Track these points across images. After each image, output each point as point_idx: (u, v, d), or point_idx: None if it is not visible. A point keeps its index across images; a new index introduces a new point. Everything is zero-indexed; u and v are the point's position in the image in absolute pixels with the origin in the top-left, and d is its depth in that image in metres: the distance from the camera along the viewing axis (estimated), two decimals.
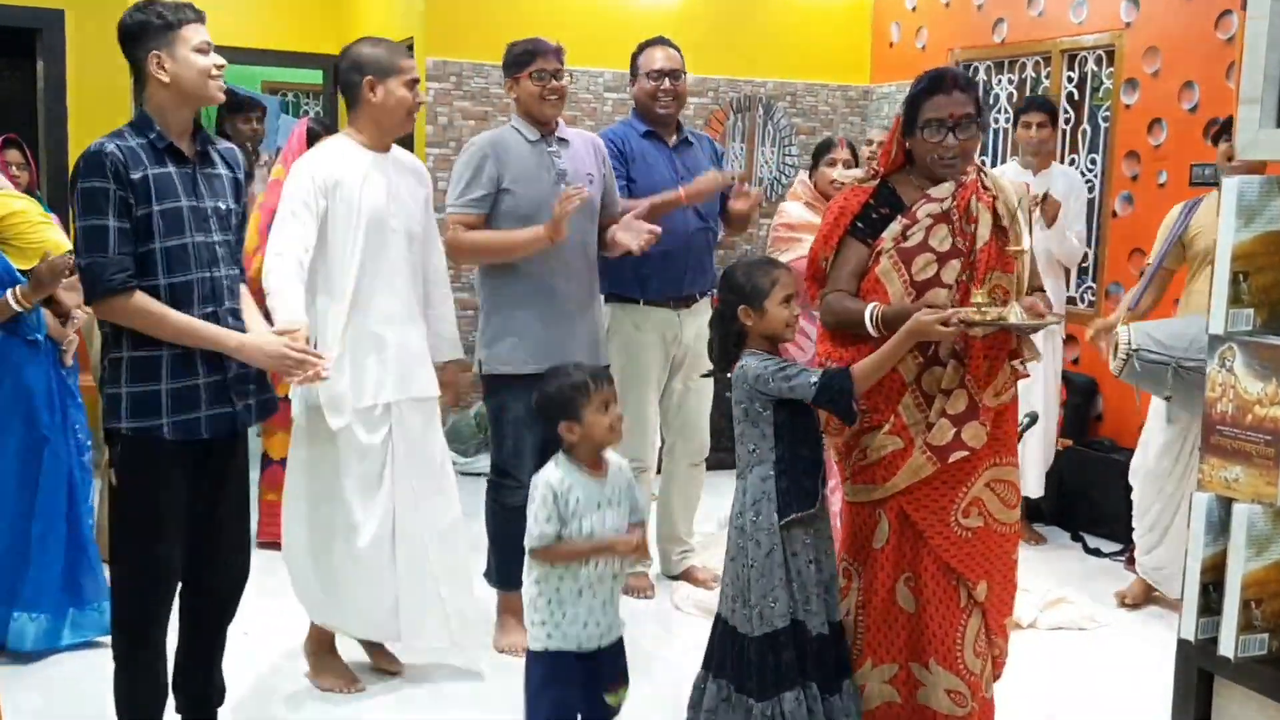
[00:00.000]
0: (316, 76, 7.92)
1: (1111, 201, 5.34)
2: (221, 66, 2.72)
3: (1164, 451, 4.07)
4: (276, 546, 4.42)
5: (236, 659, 3.06)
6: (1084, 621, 4.07)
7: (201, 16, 2.72)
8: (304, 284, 3.10)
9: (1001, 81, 5.97)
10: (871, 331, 2.74)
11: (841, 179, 4.21)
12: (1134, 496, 4.25)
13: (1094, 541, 4.92)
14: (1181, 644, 1.95)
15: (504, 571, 3.65)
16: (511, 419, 3.59)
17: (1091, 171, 5.49)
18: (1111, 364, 3.74)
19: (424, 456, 3.38)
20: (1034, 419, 4.54)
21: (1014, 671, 3.03)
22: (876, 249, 2.82)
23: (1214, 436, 1.89)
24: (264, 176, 5.49)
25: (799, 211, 4.39)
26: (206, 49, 2.69)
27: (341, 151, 3.26)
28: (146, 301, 2.60)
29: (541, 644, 2.62)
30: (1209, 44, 4.86)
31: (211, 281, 2.71)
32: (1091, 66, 5.49)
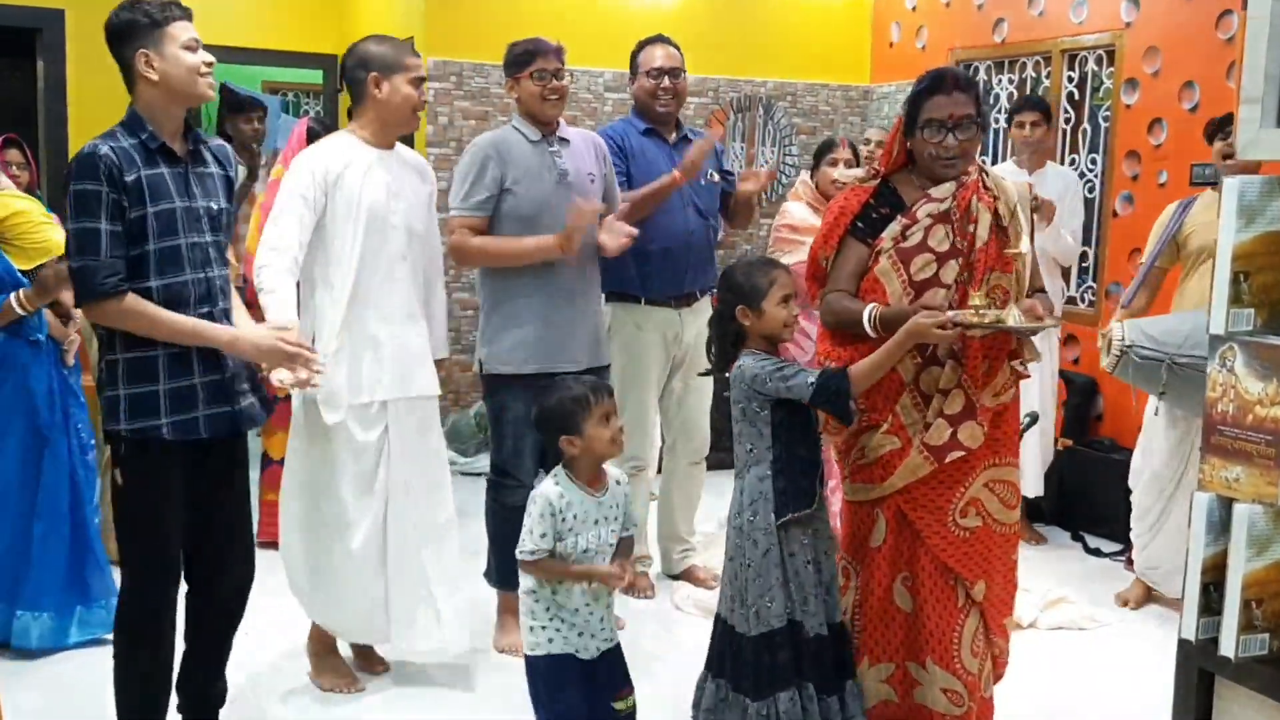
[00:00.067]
0: (317, 76, 7.91)
1: (1112, 201, 5.34)
2: (210, 64, 2.69)
3: (1171, 455, 4.06)
4: (276, 546, 4.44)
5: (237, 658, 3.05)
6: (1084, 621, 4.07)
7: (189, 14, 2.69)
8: (296, 281, 3.08)
9: (1002, 81, 5.97)
10: (869, 332, 2.74)
11: (842, 178, 4.21)
12: (1134, 499, 4.25)
13: (1094, 541, 4.93)
14: (1182, 644, 1.95)
15: (504, 571, 3.64)
16: (512, 418, 3.59)
17: (1092, 171, 5.49)
18: (1104, 360, 3.74)
19: (420, 456, 3.35)
20: (1034, 419, 4.54)
21: (1014, 671, 3.03)
22: (876, 249, 2.82)
23: (1215, 436, 1.89)
24: (265, 176, 5.50)
25: (802, 213, 4.38)
26: (195, 46, 2.67)
27: (344, 147, 3.24)
28: (137, 303, 2.59)
29: (544, 649, 2.61)
30: (1209, 44, 4.86)
31: (207, 282, 2.71)
32: (1092, 66, 5.49)
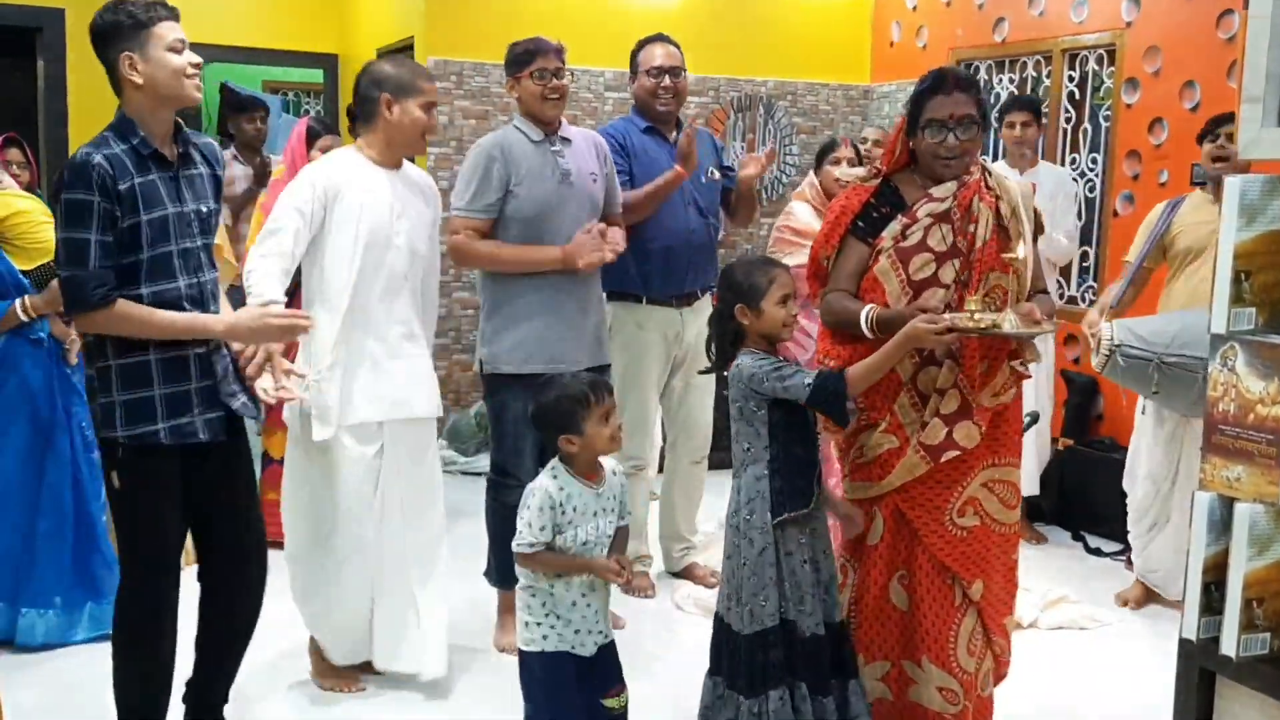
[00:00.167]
0: (317, 75, 7.92)
1: (1112, 201, 5.34)
2: (198, 65, 2.64)
3: (1163, 454, 4.07)
4: (277, 546, 4.44)
5: None
6: (1085, 621, 4.07)
7: (175, 13, 2.64)
8: (285, 290, 3.03)
9: (1002, 81, 5.97)
10: (866, 333, 2.74)
11: (844, 178, 4.20)
12: (1129, 501, 4.25)
13: (1095, 541, 4.93)
14: (1183, 643, 1.95)
15: (504, 570, 3.64)
16: (512, 418, 3.59)
17: (1092, 171, 5.49)
18: (1094, 360, 3.74)
19: (415, 477, 3.33)
20: (1035, 418, 4.54)
21: (1014, 671, 3.03)
22: (876, 248, 2.82)
23: (1216, 436, 1.89)
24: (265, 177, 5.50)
25: (806, 215, 4.36)
26: (180, 47, 2.62)
27: (349, 164, 3.23)
28: (127, 307, 2.56)
29: (538, 645, 2.61)
30: (1210, 43, 4.86)
31: (199, 287, 2.70)
32: (1092, 66, 5.49)
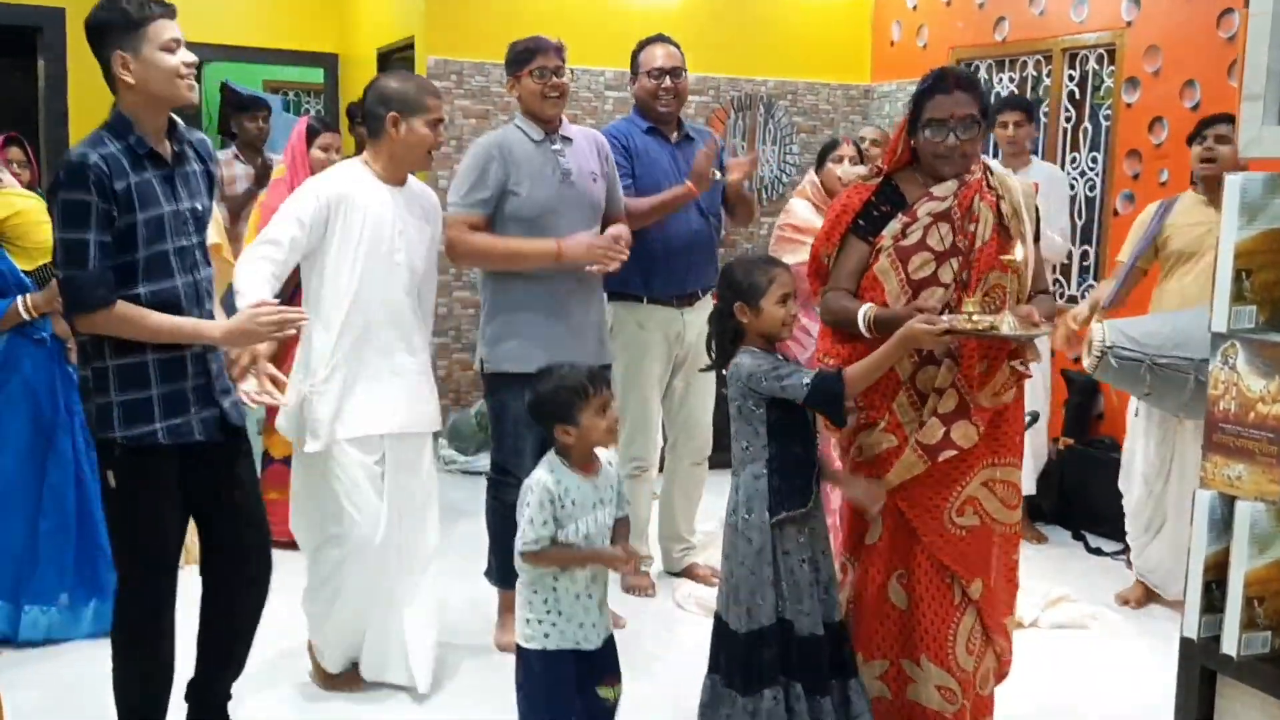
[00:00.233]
0: (317, 75, 7.92)
1: (1113, 200, 5.34)
2: (191, 64, 2.60)
3: (1155, 454, 4.08)
4: (278, 545, 4.43)
5: None
6: (1085, 620, 4.07)
7: (170, 11, 2.59)
8: (272, 290, 3.00)
9: (1003, 80, 5.97)
10: (864, 333, 2.74)
11: (846, 176, 4.20)
12: (1125, 502, 4.26)
13: (1095, 540, 4.92)
14: (1184, 642, 1.95)
15: (504, 570, 3.64)
16: (512, 417, 3.58)
17: (1093, 170, 5.49)
18: (1085, 361, 3.73)
19: (409, 490, 3.33)
20: (1035, 418, 4.54)
21: (1015, 670, 3.03)
22: (877, 247, 2.82)
23: (1216, 434, 1.89)
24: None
25: (806, 213, 4.35)
26: (174, 47, 2.57)
27: (353, 178, 3.23)
28: (127, 309, 2.55)
29: (539, 643, 2.60)
30: (1210, 42, 4.86)
31: (195, 285, 2.69)
32: (1092, 65, 5.49)
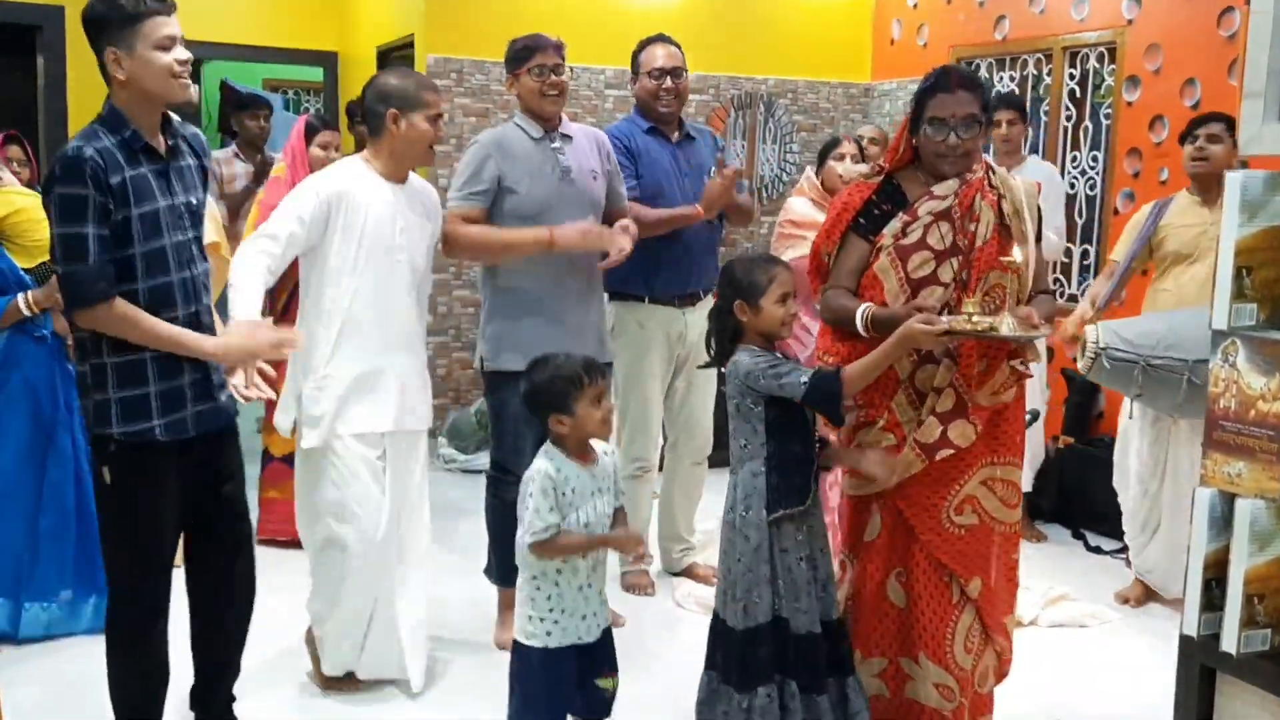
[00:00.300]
0: (317, 73, 7.92)
1: (1113, 199, 5.34)
2: (185, 62, 2.57)
3: (1149, 454, 4.08)
4: (277, 544, 4.45)
5: None
6: (1085, 619, 4.07)
7: (167, 7, 2.54)
8: (267, 288, 3.01)
9: (1003, 79, 5.97)
10: (862, 332, 2.74)
11: (847, 174, 4.19)
12: (1121, 502, 4.25)
13: (1095, 539, 4.92)
14: (1184, 640, 1.95)
15: (504, 568, 3.64)
16: (512, 415, 3.58)
17: (1093, 169, 5.49)
18: (1080, 363, 3.73)
19: (405, 487, 3.33)
20: (1036, 416, 4.53)
21: (1015, 669, 3.02)
22: (877, 245, 2.82)
23: (1217, 432, 1.89)
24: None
25: (804, 208, 4.36)
26: (168, 44, 2.54)
27: (354, 174, 3.22)
28: (127, 309, 2.54)
29: (541, 641, 2.60)
30: (1211, 41, 4.86)
31: (192, 280, 2.69)
32: (1093, 64, 5.49)
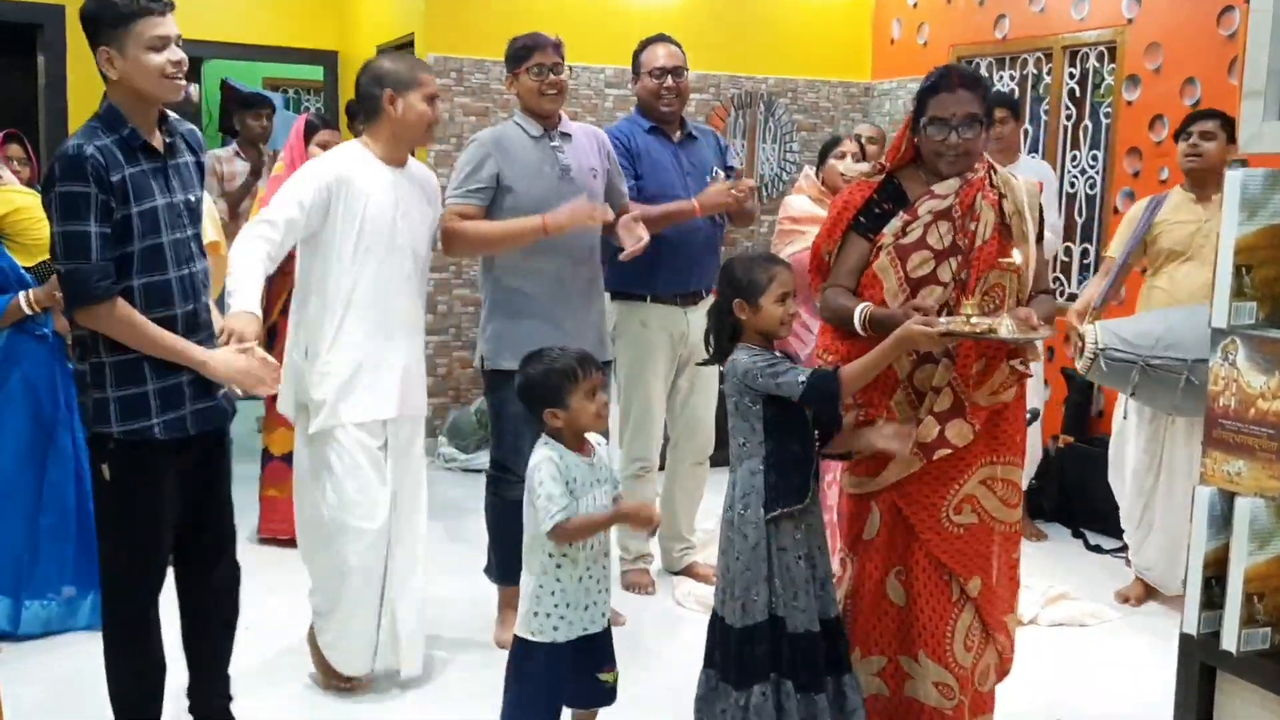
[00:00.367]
0: (317, 72, 7.92)
1: (1113, 198, 5.34)
2: (178, 63, 2.55)
3: (1145, 453, 4.08)
4: (278, 543, 4.46)
5: (238, 655, 3.05)
6: (1085, 618, 4.07)
7: (162, 7, 2.53)
8: (267, 274, 3.01)
9: (1003, 78, 5.97)
10: (860, 332, 2.74)
11: (849, 173, 4.19)
12: (1118, 498, 4.25)
13: (1094, 538, 4.92)
14: (1184, 638, 1.95)
15: (504, 567, 3.64)
16: (512, 414, 3.58)
17: (1093, 168, 5.49)
18: (1078, 363, 3.73)
19: (404, 475, 3.33)
20: (1035, 415, 4.53)
21: (1015, 667, 3.02)
22: (877, 244, 2.82)
23: (1216, 430, 1.89)
24: (267, 174, 5.51)
25: (803, 204, 4.36)
26: (161, 45, 2.53)
27: (354, 159, 3.22)
28: (127, 311, 2.55)
29: (549, 636, 2.61)
30: (1211, 40, 4.86)
31: (190, 278, 2.69)
32: (1093, 63, 5.49)
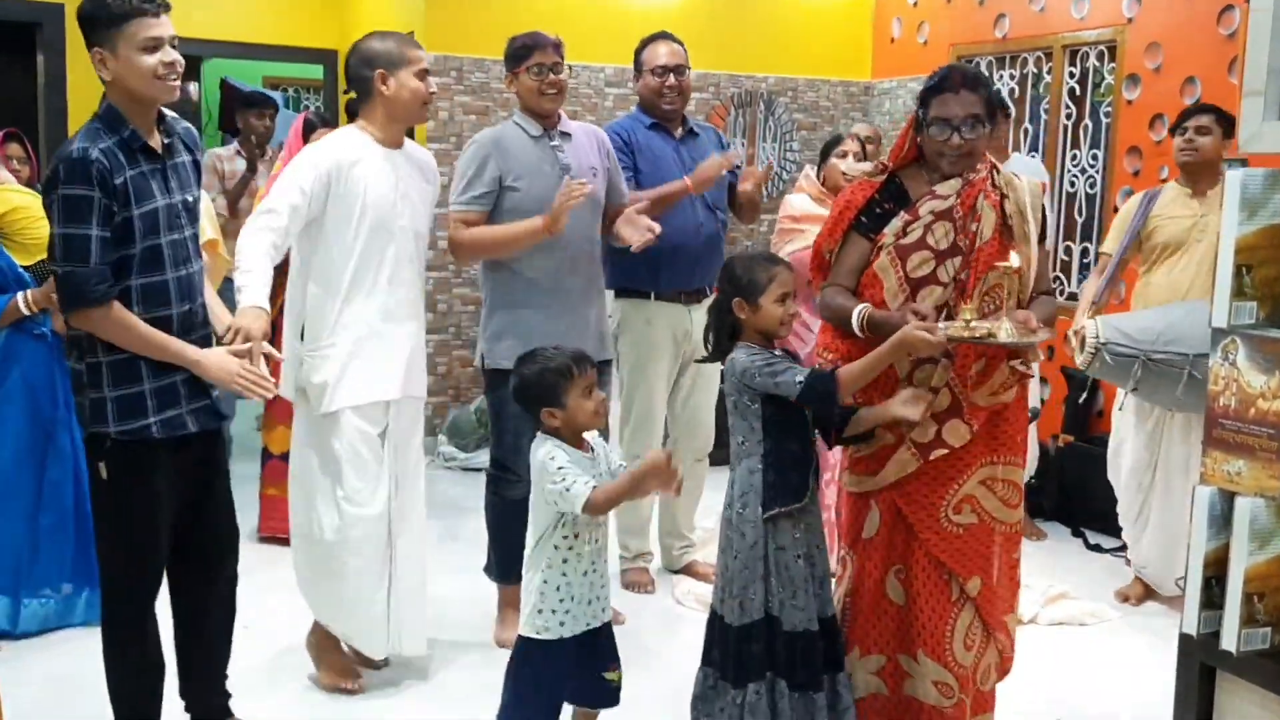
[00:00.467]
0: (317, 71, 7.91)
1: (1113, 197, 5.33)
2: (171, 64, 2.54)
3: (1144, 449, 4.08)
4: (277, 541, 4.45)
5: (237, 654, 3.05)
6: (1085, 617, 4.07)
7: (157, 8, 2.52)
8: (274, 265, 2.99)
9: (1003, 77, 5.97)
10: (858, 333, 2.74)
11: (850, 172, 4.19)
12: (1118, 495, 4.25)
13: (1094, 537, 4.92)
14: (1183, 638, 1.95)
15: (504, 565, 3.64)
16: (512, 413, 3.56)
17: (1093, 167, 5.49)
18: (1078, 358, 3.72)
19: (405, 456, 3.34)
20: (1035, 414, 4.53)
21: (1015, 666, 3.02)
22: (878, 244, 2.82)
23: (1217, 430, 1.89)
24: (267, 172, 5.51)
25: (803, 203, 4.35)
26: (154, 46, 2.52)
27: (352, 144, 3.21)
28: (122, 314, 2.56)
29: (555, 633, 2.60)
30: (1211, 39, 4.85)
31: (189, 278, 2.70)
32: (1093, 62, 5.48)
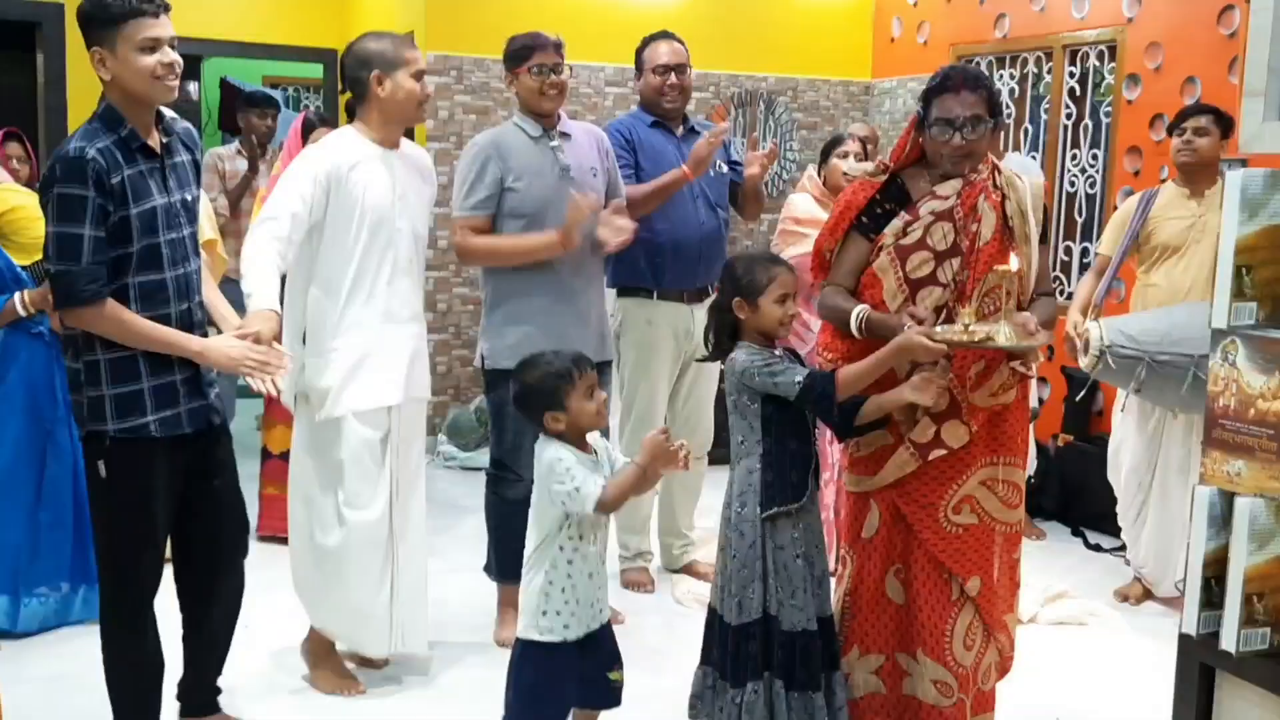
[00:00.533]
0: (317, 71, 7.91)
1: (1113, 197, 5.33)
2: (170, 64, 2.54)
3: (1144, 449, 4.08)
4: (276, 540, 4.45)
5: (235, 654, 3.05)
6: (1085, 617, 4.07)
7: (156, 8, 2.52)
8: (281, 271, 3.01)
9: (1003, 77, 5.97)
10: (855, 334, 2.74)
11: (851, 172, 4.19)
12: (1117, 495, 4.26)
13: (1094, 537, 4.93)
14: (1183, 638, 1.95)
15: (504, 565, 3.64)
16: (512, 413, 3.55)
17: (1093, 167, 5.49)
18: (1082, 361, 3.72)
19: (406, 457, 3.34)
20: (1035, 414, 4.53)
21: (1015, 666, 3.03)
22: (879, 244, 2.82)
23: (1216, 430, 1.89)
24: (267, 172, 5.51)
25: (806, 205, 4.35)
26: (152, 46, 2.51)
27: (349, 145, 3.21)
28: (116, 310, 2.55)
29: (559, 635, 2.60)
30: (1211, 39, 4.86)
31: (187, 278, 2.70)
32: (1093, 62, 5.48)
